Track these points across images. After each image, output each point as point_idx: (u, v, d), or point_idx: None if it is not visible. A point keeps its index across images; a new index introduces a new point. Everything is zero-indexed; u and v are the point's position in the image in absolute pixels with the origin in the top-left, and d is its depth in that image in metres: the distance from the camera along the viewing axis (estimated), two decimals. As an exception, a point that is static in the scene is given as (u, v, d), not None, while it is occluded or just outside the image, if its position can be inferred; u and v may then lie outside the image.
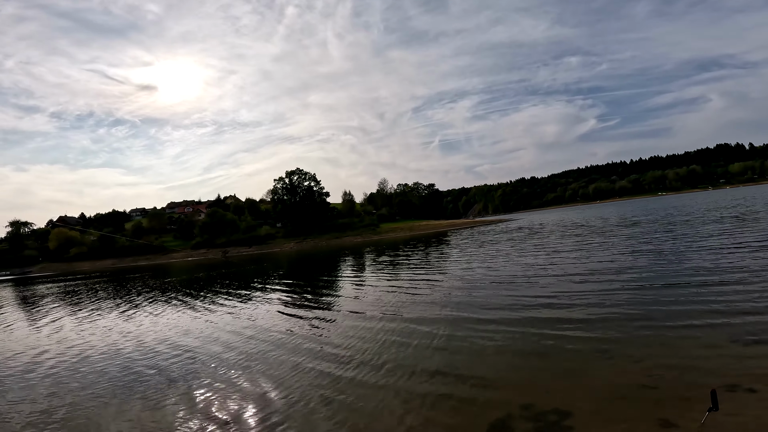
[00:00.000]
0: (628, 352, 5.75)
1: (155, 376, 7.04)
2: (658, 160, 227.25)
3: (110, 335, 10.93)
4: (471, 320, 8.47)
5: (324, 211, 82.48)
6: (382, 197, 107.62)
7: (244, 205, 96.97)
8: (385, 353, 7.01)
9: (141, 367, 7.65)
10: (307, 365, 6.75)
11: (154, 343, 9.55)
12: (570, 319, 7.62)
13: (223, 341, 8.95)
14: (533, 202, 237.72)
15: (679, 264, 11.55)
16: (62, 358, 8.96)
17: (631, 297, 8.71)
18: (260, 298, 15.00)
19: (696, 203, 50.93)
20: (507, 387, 5.16)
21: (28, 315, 17.37)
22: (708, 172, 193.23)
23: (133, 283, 28.91)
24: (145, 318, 13.16)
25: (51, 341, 10.90)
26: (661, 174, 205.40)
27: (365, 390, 5.55)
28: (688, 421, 3.78)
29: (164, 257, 73.77)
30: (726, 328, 6.13)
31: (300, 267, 30.54)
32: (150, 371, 7.40)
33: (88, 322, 13.43)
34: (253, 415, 5.08)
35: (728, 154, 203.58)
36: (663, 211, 40.56)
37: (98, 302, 18.87)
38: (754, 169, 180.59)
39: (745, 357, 5.04)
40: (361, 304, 11.89)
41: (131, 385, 6.73)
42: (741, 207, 31.95)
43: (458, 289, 12.30)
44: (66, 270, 69.62)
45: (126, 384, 6.78)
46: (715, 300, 7.61)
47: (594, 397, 4.61)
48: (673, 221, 26.89)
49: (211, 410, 5.37)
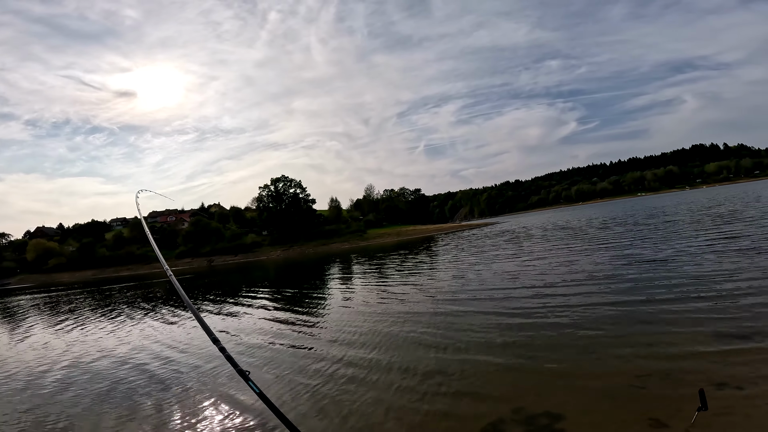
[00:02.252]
0: (616, 352, 5.77)
1: (141, 385, 6.83)
2: (637, 162, 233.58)
3: (89, 345, 10.54)
4: (459, 324, 8.42)
5: (310, 218, 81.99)
6: (368, 203, 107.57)
7: (228, 213, 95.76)
8: (373, 358, 6.92)
9: (126, 377, 7.38)
10: (294, 371, 6.60)
11: (137, 352, 9.25)
12: (557, 322, 7.64)
13: (209, 350, 8.70)
14: (518, 205, 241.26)
15: (663, 264, 11.74)
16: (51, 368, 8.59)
17: (616, 298, 8.78)
18: (248, 306, 14.71)
19: (676, 203, 52.23)
20: (497, 391, 5.12)
21: (14, 326, 16.69)
22: (685, 172, 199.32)
23: (115, 294, 28.11)
24: (129, 328, 12.75)
25: (37, 352, 10.46)
26: (640, 175, 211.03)
27: (352, 395, 5.46)
28: (678, 421, 3.78)
29: (147, 267, 72.07)
30: (712, 326, 6.20)
31: (287, 275, 30.18)
32: (134, 380, 7.19)
33: (64, 333, 12.95)
34: (243, 421, 4.95)
35: (703, 155, 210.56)
36: (644, 212, 41.48)
37: (80, 313, 18.24)
38: (729, 169, 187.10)
39: (731, 355, 5.09)
40: (348, 309, 11.77)
41: (115, 395, 6.49)
42: (723, 207, 32.83)
43: (446, 292, 12.28)
44: (45, 281, 67.62)
45: (109, 394, 6.53)
46: (700, 299, 7.71)
47: (584, 398, 4.60)
48: (655, 223, 27.49)
49: (200, 418, 5.19)
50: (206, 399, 6.03)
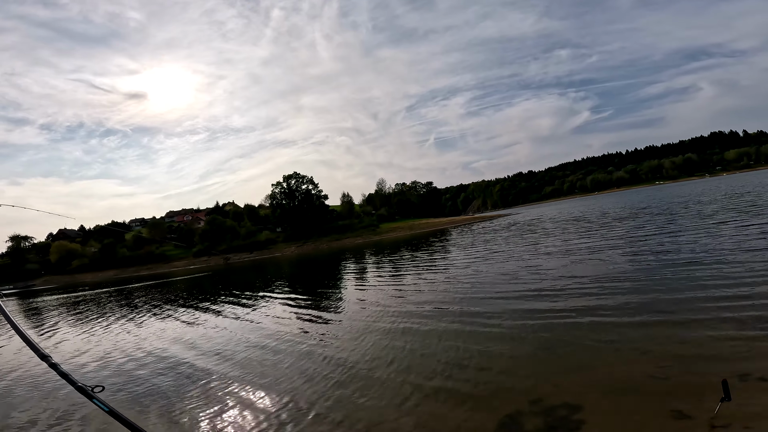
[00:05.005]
0: (635, 344, 5.70)
1: (166, 382, 7.01)
2: (654, 150, 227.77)
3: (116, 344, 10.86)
4: (476, 317, 8.42)
5: (323, 213, 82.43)
6: (380, 197, 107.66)
7: (243, 211, 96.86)
8: (391, 352, 6.98)
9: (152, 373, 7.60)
10: (314, 368, 6.71)
11: (159, 351, 9.50)
12: (574, 313, 7.59)
13: (230, 348, 8.90)
14: (532, 196, 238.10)
15: (682, 253, 11.50)
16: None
17: (635, 287, 8.67)
18: (265, 304, 14.95)
19: (699, 191, 50.92)
20: (515, 383, 5.13)
21: (55, 322, 17.32)
22: (704, 160, 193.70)
23: (142, 293, 28.84)
24: (157, 324, 13.11)
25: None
26: (657, 163, 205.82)
27: (374, 389, 5.53)
28: (702, 412, 3.74)
29: (166, 266, 73.69)
30: (733, 315, 6.07)
31: (303, 271, 30.51)
32: (159, 378, 7.37)
33: (101, 329, 13.37)
34: (260, 418, 5.06)
35: (723, 142, 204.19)
36: (665, 201, 40.55)
37: (109, 311, 18.81)
38: (750, 156, 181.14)
39: (754, 345, 4.98)
40: (364, 303, 11.87)
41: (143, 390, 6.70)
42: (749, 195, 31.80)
43: (461, 286, 12.28)
44: (69, 282, 69.52)
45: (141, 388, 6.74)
46: (721, 288, 7.55)
47: (603, 390, 4.57)
48: (674, 211, 26.89)
49: (220, 415, 5.34)
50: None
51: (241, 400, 5.84)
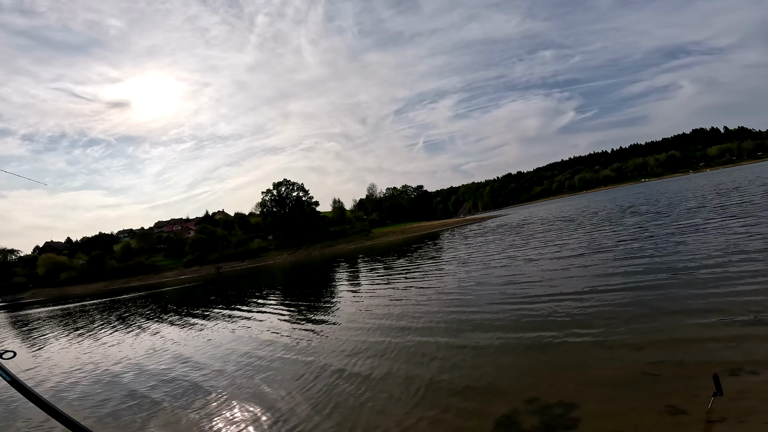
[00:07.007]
0: (627, 341, 5.78)
1: (163, 391, 6.90)
2: (638, 148, 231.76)
3: (113, 353, 10.67)
4: (470, 318, 8.46)
5: (314, 220, 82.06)
6: (371, 202, 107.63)
7: (233, 220, 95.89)
8: (386, 357, 6.98)
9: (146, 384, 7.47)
10: (309, 375, 6.67)
11: (159, 361, 9.35)
12: (566, 312, 7.65)
13: (223, 356, 8.79)
14: (521, 197, 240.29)
15: (671, 250, 11.68)
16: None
17: (625, 284, 8.78)
18: (259, 312, 14.81)
19: (684, 188, 51.82)
20: (510, 383, 5.16)
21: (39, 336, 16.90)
22: (687, 157, 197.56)
23: (128, 304, 28.34)
24: (147, 336, 12.88)
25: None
26: (642, 161, 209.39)
27: (369, 393, 5.54)
28: (695, 407, 3.79)
29: (157, 276, 72.57)
30: (723, 311, 6.17)
31: (296, 278, 30.30)
32: (155, 387, 7.25)
33: (86, 342, 13.10)
34: (256, 423, 5.02)
35: (705, 138, 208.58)
36: (651, 198, 41.20)
37: (99, 324, 18.44)
38: (732, 151, 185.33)
39: (744, 340, 5.06)
40: (358, 309, 11.83)
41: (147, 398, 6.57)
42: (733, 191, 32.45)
43: (453, 288, 12.30)
44: (57, 294, 68.07)
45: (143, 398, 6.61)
46: (709, 283, 7.68)
47: (598, 387, 4.61)
48: (660, 209, 27.34)
49: (219, 420, 5.26)
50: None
51: (233, 409, 5.77)
